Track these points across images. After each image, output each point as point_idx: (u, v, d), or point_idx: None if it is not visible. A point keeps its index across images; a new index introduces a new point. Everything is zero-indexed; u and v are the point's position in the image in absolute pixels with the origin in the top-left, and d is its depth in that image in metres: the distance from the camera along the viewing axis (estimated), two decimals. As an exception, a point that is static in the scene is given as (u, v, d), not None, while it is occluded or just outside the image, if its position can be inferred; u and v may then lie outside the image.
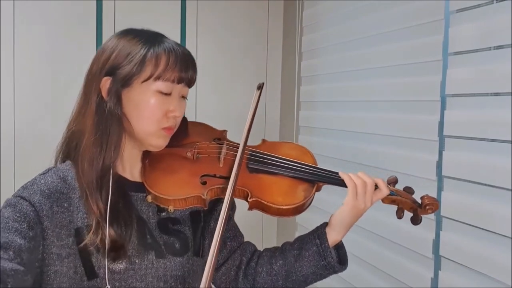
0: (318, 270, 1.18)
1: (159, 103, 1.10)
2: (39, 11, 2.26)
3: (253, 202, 1.14)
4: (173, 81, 1.10)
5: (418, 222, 1.21)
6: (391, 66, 1.79)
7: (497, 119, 1.34)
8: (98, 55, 1.14)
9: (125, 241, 1.08)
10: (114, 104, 1.09)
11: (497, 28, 1.34)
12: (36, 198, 1.05)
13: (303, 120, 2.41)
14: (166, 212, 1.16)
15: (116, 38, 1.13)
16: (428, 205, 1.19)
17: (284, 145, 1.29)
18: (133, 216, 1.12)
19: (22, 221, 1.02)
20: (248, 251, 1.27)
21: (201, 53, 2.48)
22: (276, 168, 1.19)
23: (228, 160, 1.18)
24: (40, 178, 1.10)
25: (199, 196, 1.11)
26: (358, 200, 1.16)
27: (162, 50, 1.10)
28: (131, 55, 1.09)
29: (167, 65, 1.09)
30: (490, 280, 1.36)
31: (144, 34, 1.13)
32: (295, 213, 1.16)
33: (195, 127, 1.26)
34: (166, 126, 1.12)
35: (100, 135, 1.09)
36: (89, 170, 1.09)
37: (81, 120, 1.13)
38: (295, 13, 2.43)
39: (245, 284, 1.24)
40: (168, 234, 1.16)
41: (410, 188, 1.23)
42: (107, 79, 1.10)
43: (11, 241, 0.98)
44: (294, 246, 1.22)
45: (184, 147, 1.19)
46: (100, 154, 1.09)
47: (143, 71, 1.08)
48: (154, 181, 1.13)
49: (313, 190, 1.18)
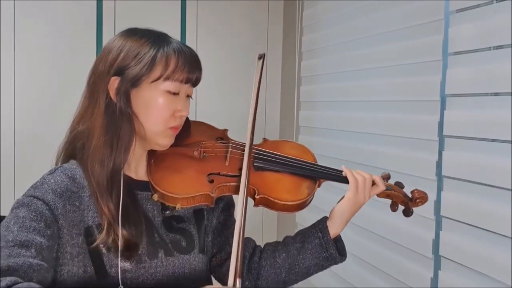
0: (320, 261, 1.23)
1: (168, 103, 1.11)
2: (39, 12, 2.27)
3: (260, 199, 1.18)
4: (182, 82, 1.12)
5: (410, 214, 1.30)
6: (391, 66, 1.79)
7: (497, 119, 1.34)
8: (103, 54, 1.14)
9: (137, 240, 1.09)
10: (124, 104, 1.10)
11: (497, 28, 1.34)
12: (49, 197, 1.06)
13: (303, 120, 2.41)
14: (171, 210, 1.18)
15: (122, 38, 1.13)
16: (418, 199, 1.28)
17: (286, 144, 1.33)
18: (141, 215, 1.13)
19: (39, 220, 1.02)
20: (249, 246, 1.29)
21: (201, 53, 2.46)
22: (281, 166, 1.24)
23: (233, 158, 1.21)
24: (49, 177, 1.10)
25: (207, 194, 1.14)
26: (359, 194, 1.22)
27: (171, 51, 1.11)
28: (140, 56, 1.10)
29: (176, 66, 1.11)
30: (490, 280, 1.36)
31: (151, 34, 1.14)
32: (298, 208, 1.22)
33: (196, 127, 1.28)
34: (173, 126, 1.13)
35: (111, 136, 1.10)
36: (100, 171, 1.09)
37: (87, 120, 1.13)
38: (295, 13, 2.43)
39: (249, 278, 1.26)
40: (173, 232, 1.17)
41: (400, 183, 1.32)
42: (116, 79, 1.10)
43: (31, 239, 0.99)
44: (297, 240, 1.25)
45: (189, 147, 1.21)
46: (111, 155, 1.10)
47: (153, 71, 1.09)
48: (161, 179, 1.14)
49: (315, 186, 1.24)
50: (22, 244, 0.97)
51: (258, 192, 1.18)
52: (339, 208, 1.24)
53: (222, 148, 1.23)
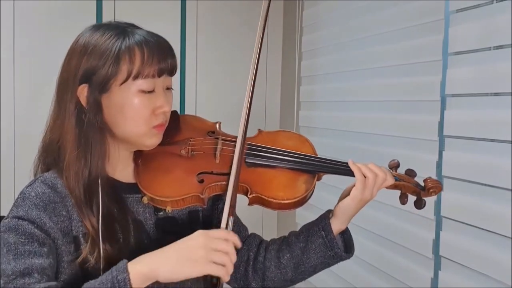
0: (326, 260, 1.17)
1: (144, 103, 1.03)
2: (39, 12, 2.26)
3: (253, 198, 1.11)
4: (154, 76, 1.03)
5: (422, 206, 1.17)
6: (391, 66, 1.79)
7: (497, 119, 1.34)
8: (67, 59, 1.07)
9: (122, 252, 1.03)
10: (94, 114, 1.03)
11: (497, 28, 1.34)
12: (33, 214, 1.00)
13: (303, 120, 2.41)
14: (164, 212, 1.13)
15: (84, 37, 1.06)
16: (432, 188, 1.16)
17: (282, 134, 1.24)
18: (129, 221, 1.09)
19: (31, 242, 0.97)
20: (254, 245, 1.25)
21: (201, 53, 2.48)
22: (275, 161, 1.15)
23: (224, 155, 1.14)
24: (29, 190, 1.04)
25: (197, 195, 1.08)
26: (366, 192, 1.13)
27: (133, 45, 1.02)
28: (104, 55, 1.01)
29: (143, 60, 1.02)
30: (490, 280, 1.36)
31: (114, 28, 1.05)
32: (296, 206, 1.14)
33: (187, 121, 1.20)
34: (156, 124, 1.06)
35: (83, 148, 1.04)
36: (76, 184, 1.04)
37: (57, 131, 1.07)
38: (295, 13, 2.43)
39: (256, 279, 1.23)
40: (166, 234, 1.12)
41: (412, 170, 1.20)
42: (84, 87, 1.03)
43: (30, 264, 0.94)
44: (300, 239, 1.20)
45: (177, 144, 1.14)
46: (85, 167, 1.04)
47: (119, 72, 1.01)
48: (148, 182, 1.09)
49: (314, 181, 1.15)
50: (23, 273, 0.93)
51: (251, 191, 1.10)
52: (344, 205, 1.15)
53: (211, 145, 1.15)
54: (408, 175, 1.19)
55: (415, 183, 1.18)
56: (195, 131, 1.18)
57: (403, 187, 1.17)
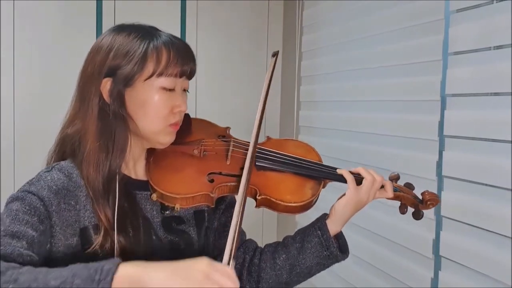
0: (321, 260, 1.19)
1: (164, 100, 1.08)
2: (39, 12, 2.26)
3: (262, 199, 1.15)
4: (176, 76, 1.08)
5: (420, 217, 1.23)
6: (391, 66, 1.79)
7: (497, 119, 1.34)
8: (92, 55, 1.10)
9: (134, 246, 1.06)
10: (119, 106, 1.07)
11: (497, 28, 1.34)
12: (44, 193, 1.03)
13: (303, 120, 2.41)
14: (170, 211, 1.15)
15: (110, 36, 1.10)
16: (429, 201, 1.22)
17: (290, 142, 1.30)
18: (140, 217, 1.11)
19: (32, 214, 1.00)
20: (250, 249, 1.27)
21: (201, 53, 2.48)
22: (284, 166, 1.20)
23: (235, 157, 1.18)
24: (46, 174, 1.07)
25: (207, 194, 1.11)
26: (361, 194, 1.17)
27: (162, 45, 1.08)
28: (131, 53, 1.06)
29: (168, 60, 1.07)
30: (490, 280, 1.36)
31: (140, 29, 1.10)
32: (302, 210, 1.18)
33: (198, 124, 1.25)
34: (172, 122, 1.10)
35: (106, 140, 1.07)
36: (95, 176, 1.07)
37: (79, 124, 1.10)
38: (295, 13, 2.43)
39: (250, 281, 1.24)
40: (172, 233, 1.15)
41: (410, 184, 1.26)
42: (107, 80, 1.07)
43: (23, 231, 0.96)
44: (296, 239, 1.22)
45: (189, 145, 1.17)
46: (106, 159, 1.07)
47: (145, 68, 1.06)
48: (160, 179, 1.11)
49: (320, 187, 1.20)
50: (14, 235, 0.95)
51: (260, 193, 1.14)
52: (340, 206, 1.19)
53: (223, 147, 1.20)
54: (408, 187, 1.25)
55: (414, 196, 1.24)
56: (206, 134, 1.23)
57: (403, 199, 1.23)
